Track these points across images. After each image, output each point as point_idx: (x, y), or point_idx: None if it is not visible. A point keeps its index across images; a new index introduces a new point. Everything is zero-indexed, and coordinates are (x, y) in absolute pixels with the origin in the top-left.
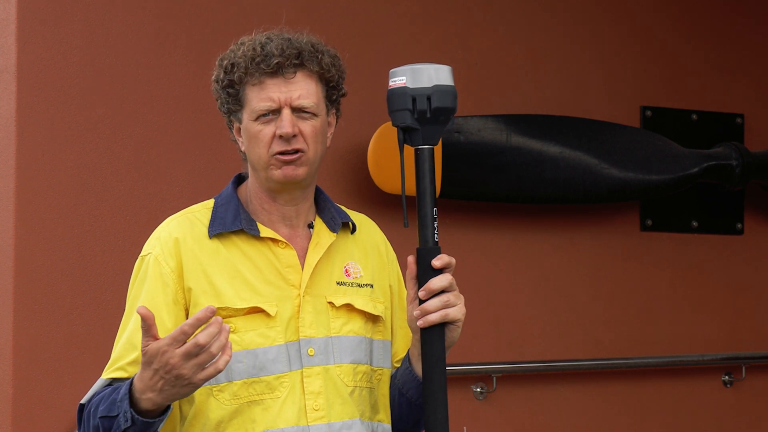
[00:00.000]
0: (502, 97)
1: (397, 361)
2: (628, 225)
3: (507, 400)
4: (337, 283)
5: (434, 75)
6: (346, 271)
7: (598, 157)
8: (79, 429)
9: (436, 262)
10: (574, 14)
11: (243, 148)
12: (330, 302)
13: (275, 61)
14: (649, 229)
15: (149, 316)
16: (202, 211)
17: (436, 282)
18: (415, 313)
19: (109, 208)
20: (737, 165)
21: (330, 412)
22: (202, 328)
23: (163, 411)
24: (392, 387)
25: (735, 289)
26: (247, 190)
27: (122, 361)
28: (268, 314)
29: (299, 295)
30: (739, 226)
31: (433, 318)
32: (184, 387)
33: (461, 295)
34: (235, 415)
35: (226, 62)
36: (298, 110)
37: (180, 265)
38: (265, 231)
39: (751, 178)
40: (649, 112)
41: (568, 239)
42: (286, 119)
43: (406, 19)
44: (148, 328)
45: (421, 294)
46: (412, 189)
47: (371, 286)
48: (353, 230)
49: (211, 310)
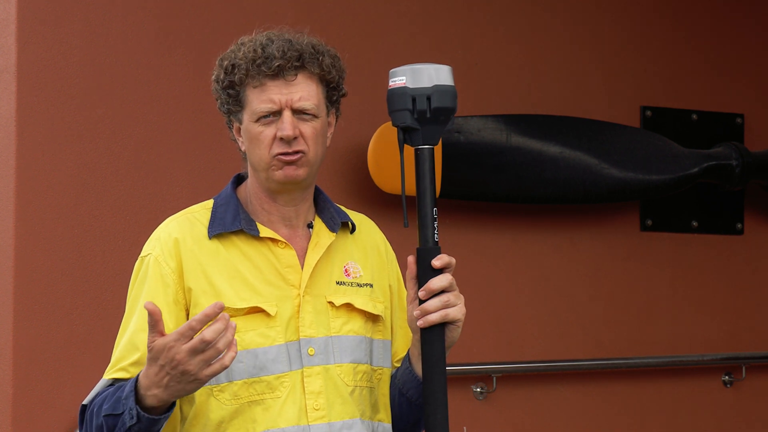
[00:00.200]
0: (502, 97)
1: (397, 361)
2: (628, 225)
3: (507, 400)
4: (337, 283)
5: (434, 75)
6: (346, 270)
7: (598, 157)
8: (80, 429)
9: (436, 262)
10: (574, 14)
11: (243, 148)
12: (330, 302)
13: (276, 63)
14: (649, 229)
15: (156, 312)
16: (201, 212)
17: (436, 282)
18: (415, 313)
19: (109, 208)
20: (737, 165)
21: (330, 411)
22: (209, 325)
23: (168, 408)
24: (392, 387)
25: (735, 289)
26: (246, 191)
27: (124, 361)
28: (268, 314)
29: (299, 295)
30: (739, 226)
31: (433, 318)
32: (190, 383)
33: (461, 295)
34: (235, 415)
35: (226, 63)
36: (298, 112)
37: (180, 266)
38: (264, 231)
39: (751, 178)
40: (649, 112)
41: (568, 239)
42: (287, 121)
43: (406, 19)
44: (155, 324)
45: (421, 294)
46: (412, 189)
47: (371, 286)
48: (353, 230)
49: (219, 306)
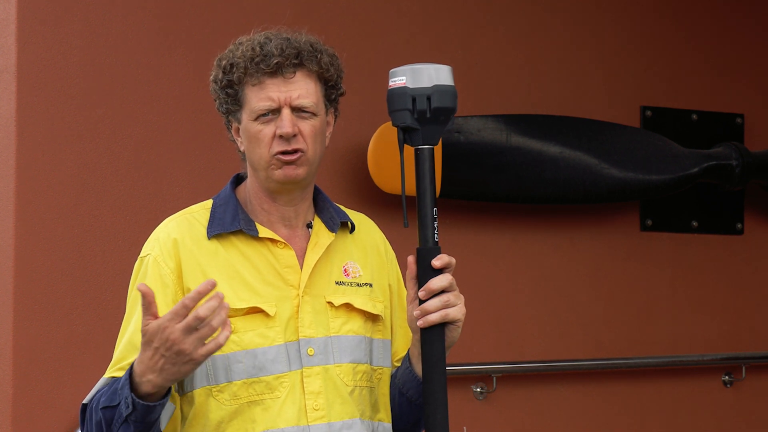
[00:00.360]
0: (502, 97)
1: (397, 361)
2: (628, 225)
3: (507, 400)
4: (336, 283)
5: (434, 75)
6: (345, 270)
7: (598, 157)
8: (82, 428)
9: (436, 262)
10: (574, 14)
11: (242, 148)
12: (329, 302)
13: (275, 61)
14: (649, 229)
15: (149, 293)
16: (200, 212)
17: (436, 282)
18: (415, 313)
19: (109, 208)
20: (737, 165)
21: (330, 411)
22: (202, 302)
23: (164, 395)
24: (392, 386)
25: (735, 289)
26: (246, 191)
27: (125, 361)
28: (267, 314)
29: (298, 295)
30: (739, 226)
31: (433, 318)
32: (185, 364)
33: (461, 295)
34: (235, 415)
35: (224, 62)
36: (297, 110)
37: (179, 266)
38: (263, 231)
39: (751, 178)
40: (649, 112)
41: (568, 239)
42: (286, 119)
43: (406, 19)
44: (148, 305)
45: (421, 294)
46: (412, 189)
47: (370, 286)
48: (352, 230)
49: (211, 283)
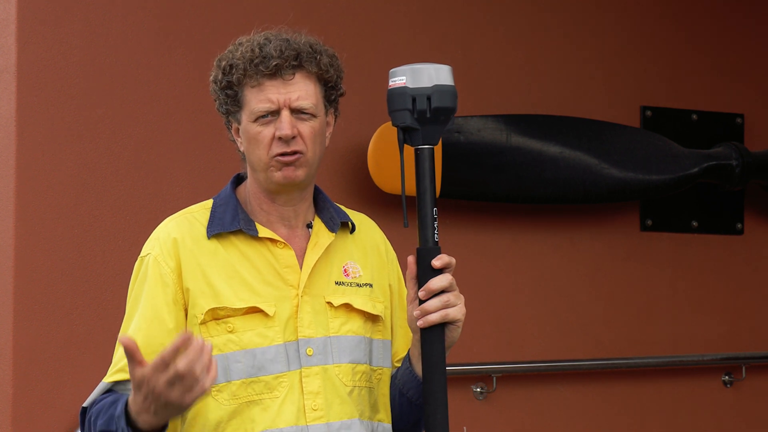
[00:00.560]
0: (502, 97)
1: (397, 361)
2: (628, 225)
3: (507, 400)
4: (336, 283)
5: (434, 75)
6: (345, 270)
7: (598, 157)
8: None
9: (436, 262)
10: (574, 14)
11: (242, 149)
12: (328, 302)
13: (274, 63)
14: (649, 229)
15: (131, 345)
16: (200, 212)
17: (436, 282)
18: (415, 314)
19: (109, 208)
20: (737, 165)
21: (329, 412)
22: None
23: (162, 428)
24: (392, 387)
25: (735, 289)
26: (245, 191)
27: (123, 363)
28: (266, 314)
29: (297, 295)
30: (739, 226)
31: (433, 318)
32: (176, 409)
33: (461, 295)
34: (234, 415)
35: (224, 63)
36: (297, 111)
37: (179, 266)
38: (263, 231)
39: (751, 178)
40: (649, 112)
41: (568, 239)
42: (286, 121)
43: (406, 19)
44: (132, 356)
45: (421, 294)
46: (412, 189)
47: (370, 286)
48: (352, 230)
49: (186, 337)
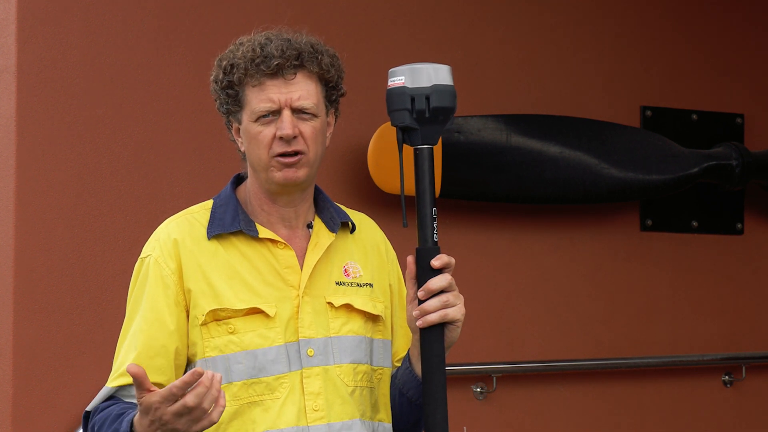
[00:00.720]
0: (502, 97)
1: (397, 361)
2: (628, 225)
3: (507, 400)
4: (336, 283)
5: (433, 75)
6: (346, 271)
7: (598, 157)
8: None
9: (436, 262)
10: (574, 14)
11: (242, 149)
12: (329, 302)
13: (275, 63)
14: (649, 229)
15: (139, 374)
16: (200, 212)
17: (436, 282)
18: (415, 314)
19: (109, 208)
20: (737, 165)
21: (330, 412)
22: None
23: None
24: (392, 387)
25: (735, 289)
26: (246, 191)
27: (125, 367)
28: (267, 315)
29: (298, 295)
30: (739, 226)
31: (433, 318)
32: None
33: (461, 295)
34: (235, 416)
35: (225, 63)
36: (298, 111)
37: (180, 267)
38: (263, 232)
39: (751, 178)
40: (649, 112)
41: (568, 239)
42: (287, 120)
43: (406, 19)
44: (141, 384)
45: (421, 294)
46: (411, 189)
47: (371, 286)
48: (353, 230)
49: (197, 373)
